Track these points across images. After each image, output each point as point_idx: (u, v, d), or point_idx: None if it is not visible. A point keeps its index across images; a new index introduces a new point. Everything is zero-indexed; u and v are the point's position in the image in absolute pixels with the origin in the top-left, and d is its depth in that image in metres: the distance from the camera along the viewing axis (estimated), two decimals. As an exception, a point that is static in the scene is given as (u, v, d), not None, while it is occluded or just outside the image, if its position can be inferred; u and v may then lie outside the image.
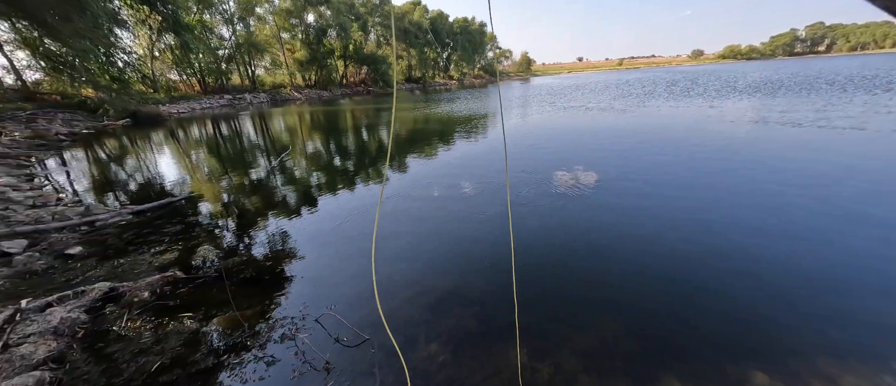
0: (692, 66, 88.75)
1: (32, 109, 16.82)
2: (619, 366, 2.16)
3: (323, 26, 41.02)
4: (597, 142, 8.35)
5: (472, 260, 3.44)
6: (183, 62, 28.98)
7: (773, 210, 4.13)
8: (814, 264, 3.06)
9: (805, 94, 14.75)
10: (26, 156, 9.77)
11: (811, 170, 5.43)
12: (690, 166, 5.98)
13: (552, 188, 5.28)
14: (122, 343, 2.55)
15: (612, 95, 20.35)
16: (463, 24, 67.77)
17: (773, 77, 26.31)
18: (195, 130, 15.73)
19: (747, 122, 9.58)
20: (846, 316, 2.46)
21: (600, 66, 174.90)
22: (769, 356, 2.16)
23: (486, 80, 71.02)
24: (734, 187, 4.91)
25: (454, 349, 2.34)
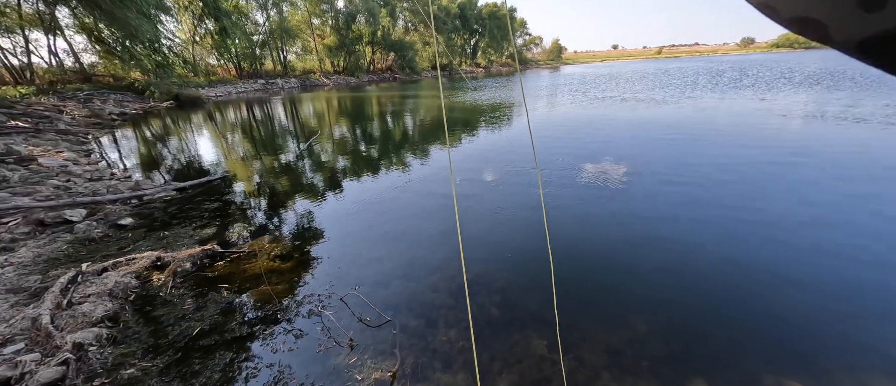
0: (741, 56, 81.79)
1: (89, 90, 18.23)
2: (646, 366, 2.09)
3: (352, 12, 41.30)
4: (632, 134, 7.97)
5: (503, 250, 3.42)
6: (221, 47, 30.23)
7: (826, 216, 3.80)
8: (868, 276, 2.80)
9: (874, 89, 13.28)
10: (85, 133, 10.66)
11: (873, 174, 4.92)
12: (735, 165, 5.59)
13: (584, 182, 5.12)
14: (167, 308, 2.77)
15: (649, 85, 19.26)
16: (492, 9, 65.99)
17: (838, 68, 23.86)
18: (231, 113, 16.49)
19: (801, 118, 8.78)
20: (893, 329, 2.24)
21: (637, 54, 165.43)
22: (808, 369, 2.02)
23: (514, 69, 69.23)
24: (783, 188, 4.55)
25: (477, 335, 2.35)
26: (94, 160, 7.59)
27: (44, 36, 19.81)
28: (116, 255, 3.53)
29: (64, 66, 21.26)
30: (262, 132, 11.40)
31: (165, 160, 7.91)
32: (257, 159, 7.61)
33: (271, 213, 4.68)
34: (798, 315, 2.43)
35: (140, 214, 4.61)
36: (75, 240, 3.87)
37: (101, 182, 5.87)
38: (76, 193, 5.16)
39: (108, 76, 21.83)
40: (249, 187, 5.75)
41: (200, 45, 30.61)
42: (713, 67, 34.84)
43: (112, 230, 4.15)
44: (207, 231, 4.07)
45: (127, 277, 3.07)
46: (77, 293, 2.86)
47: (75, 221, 4.28)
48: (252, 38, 33.39)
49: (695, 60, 65.66)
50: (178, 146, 9.37)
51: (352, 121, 13.09)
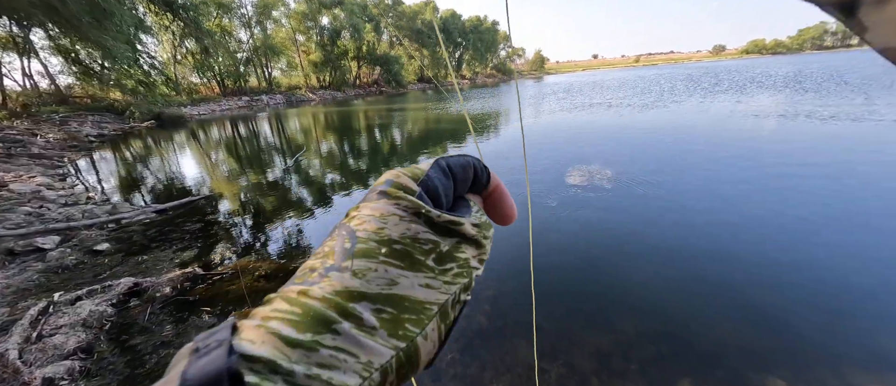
0: (713, 63, 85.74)
1: (65, 112, 17.74)
2: (635, 368, 2.11)
3: (337, 28, 41.70)
4: (616, 138, 8.18)
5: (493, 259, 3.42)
6: (203, 66, 30.00)
7: (804, 212, 3.96)
8: (847, 271, 2.92)
9: (839, 89, 14.05)
10: (60, 156, 10.32)
11: (849, 170, 5.17)
12: (716, 166, 5.79)
13: (570, 187, 5.21)
14: (145, 336, 2.66)
15: (633, 92, 19.91)
16: (475, 22, 67.60)
17: (803, 70, 25.18)
18: (215, 132, 16.26)
19: (777, 119, 9.19)
20: (881, 326, 2.33)
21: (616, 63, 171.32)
22: (792, 366, 2.07)
23: (499, 79, 70.67)
24: (762, 188, 4.73)
25: (464, 347, 2.34)
26: (69, 184, 7.34)
27: (18, 58, 19.31)
28: (91, 282, 3.39)
29: (38, 89, 20.69)
30: (247, 149, 11.26)
31: (145, 182, 7.71)
32: (242, 177, 7.50)
33: (256, 231, 4.59)
34: (784, 314, 2.50)
35: (117, 239, 4.46)
36: (47, 268, 3.71)
37: (76, 207, 5.67)
38: (49, 220, 4.97)
39: (86, 97, 21.32)
40: (234, 206, 5.64)
41: (182, 64, 30.31)
42: (690, 74, 36.33)
43: (87, 257, 3.99)
44: (188, 254, 3.96)
45: (102, 306, 2.95)
46: (48, 325, 2.73)
47: (48, 248, 4.11)
48: (236, 56, 33.26)
49: (671, 67, 68.37)
50: (159, 167, 9.16)
51: (339, 135, 13.07)
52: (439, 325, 0.22)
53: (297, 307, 0.19)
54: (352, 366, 0.18)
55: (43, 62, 20.35)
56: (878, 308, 2.47)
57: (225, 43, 30.98)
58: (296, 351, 0.17)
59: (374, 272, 0.21)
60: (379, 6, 48.61)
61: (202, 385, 0.15)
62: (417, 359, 0.21)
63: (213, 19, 30.90)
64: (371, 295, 0.20)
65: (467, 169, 0.28)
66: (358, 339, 0.19)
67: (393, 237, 0.23)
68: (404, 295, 0.21)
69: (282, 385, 0.16)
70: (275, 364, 0.16)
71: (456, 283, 0.24)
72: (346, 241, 0.23)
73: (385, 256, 0.22)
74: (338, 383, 0.17)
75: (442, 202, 0.26)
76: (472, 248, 0.26)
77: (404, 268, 0.22)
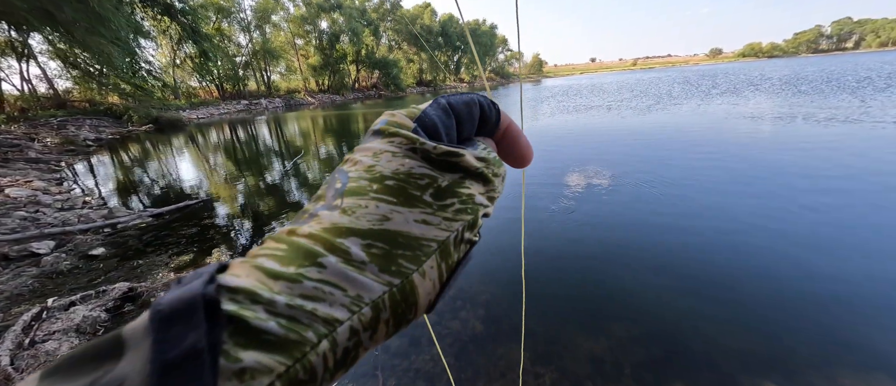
0: (711, 66, 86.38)
1: (63, 116, 17.72)
2: (627, 373, 2.12)
3: (336, 32, 41.86)
4: (610, 142, 8.22)
5: (479, 261, 3.43)
6: (202, 69, 30.04)
7: (798, 216, 3.98)
8: (841, 275, 2.93)
9: (835, 92, 14.16)
10: (57, 161, 10.30)
11: (846, 174, 5.20)
12: (712, 169, 5.81)
13: (565, 190, 5.22)
14: (139, 341, 2.65)
15: (632, 95, 20.02)
16: (473, 26, 67.97)
17: (799, 74, 25.38)
18: (213, 135, 16.26)
19: (773, 122, 9.25)
20: (873, 330, 2.34)
21: (613, 66, 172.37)
22: (784, 369, 2.08)
23: (497, 83, 70.96)
24: (756, 191, 4.75)
25: (458, 352, 2.34)
26: (65, 189, 7.32)
27: (16, 62, 19.31)
28: (86, 287, 3.38)
29: (36, 93, 20.67)
30: (246, 153, 11.26)
31: (142, 186, 7.70)
32: (240, 181, 7.49)
33: (254, 235, 4.58)
34: (778, 317, 2.51)
35: (113, 244, 4.45)
36: (42, 273, 3.70)
37: (72, 211, 5.66)
38: (44, 224, 4.95)
39: (84, 101, 21.31)
40: (231, 210, 5.64)
41: (181, 68, 30.36)
42: (687, 77, 36.56)
43: (82, 261, 3.98)
44: (185, 258, 3.95)
45: (96, 311, 2.94)
46: (41, 330, 2.71)
47: (42, 253, 4.10)
48: (235, 60, 33.35)
49: (669, 71, 68.80)
50: (156, 171, 9.14)
51: (337, 138, 13.09)
52: (439, 263, 0.21)
53: (284, 244, 0.19)
54: (339, 299, 0.17)
55: (41, 66, 20.36)
56: (872, 312, 2.48)
57: (224, 47, 31.08)
58: (278, 282, 0.17)
59: (364, 209, 0.20)
60: (377, 10, 48.86)
61: (174, 310, 0.14)
62: (415, 298, 0.20)
63: (212, 23, 31.01)
64: (360, 230, 0.19)
65: (472, 106, 0.26)
66: (345, 272, 0.18)
67: (385, 174, 0.21)
68: (398, 230, 0.20)
69: (263, 314, 0.15)
70: (255, 294, 0.16)
71: (458, 219, 0.22)
72: (337, 182, 0.22)
73: (376, 192, 0.21)
74: (323, 314, 0.17)
75: (443, 140, 0.24)
76: (478, 183, 0.24)
77: (398, 204, 0.21)
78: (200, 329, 0.14)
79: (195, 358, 0.14)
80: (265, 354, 0.15)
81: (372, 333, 0.18)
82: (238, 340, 0.15)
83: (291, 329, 0.16)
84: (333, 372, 0.17)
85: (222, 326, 0.15)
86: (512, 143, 0.29)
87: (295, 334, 0.16)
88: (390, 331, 0.20)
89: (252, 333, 0.15)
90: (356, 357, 0.18)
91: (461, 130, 0.26)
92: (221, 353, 0.14)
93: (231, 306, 0.15)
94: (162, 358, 0.14)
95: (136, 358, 0.14)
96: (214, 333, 0.14)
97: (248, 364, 0.14)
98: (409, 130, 0.23)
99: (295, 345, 0.16)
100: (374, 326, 0.18)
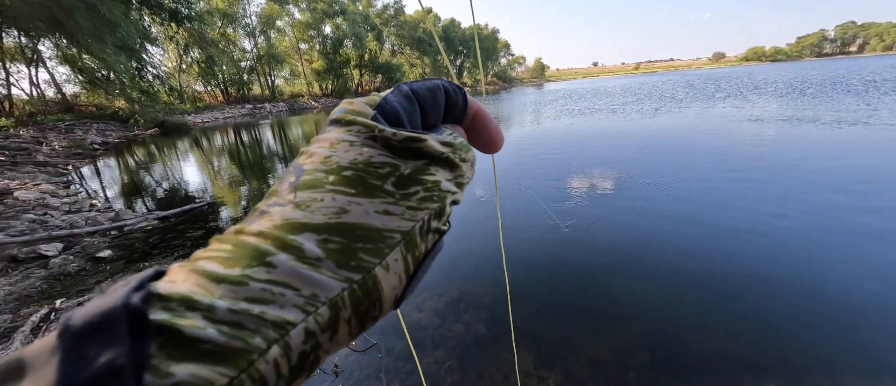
0: (713, 70, 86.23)
1: (70, 120, 17.97)
2: (632, 377, 2.11)
3: (339, 37, 42.26)
4: (616, 145, 8.22)
5: (486, 265, 3.44)
6: (207, 74, 30.40)
7: (809, 220, 3.96)
8: (845, 277, 2.92)
9: (840, 95, 14.10)
10: (64, 164, 10.43)
11: (849, 176, 5.18)
12: (717, 171, 5.80)
13: (571, 193, 5.23)
14: (145, 342, 2.68)
15: (635, 98, 20.02)
16: (475, 30, 68.28)
17: (805, 77, 25.27)
18: (218, 139, 16.41)
19: (776, 125, 9.22)
20: (880, 333, 2.33)
21: (616, 70, 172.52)
22: (789, 373, 2.07)
23: (500, 87, 71.19)
24: (760, 193, 4.74)
25: (461, 355, 2.34)
26: (73, 192, 7.41)
27: (25, 68, 19.65)
28: (93, 289, 3.42)
29: (45, 97, 21.00)
30: (250, 156, 11.35)
31: (148, 189, 7.78)
32: (244, 184, 7.56)
33: (257, 238, 4.62)
34: (779, 320, 2.50)
35: (120, 246, 4.50)
36: (50, 275, 3.74)
37: (79, 214, 5.73)
38: (52, 227, 5.02)
39: (91, 106, 21.62)
40: (236, 213, 5.69)
41: (187, 73, 30.74)
42: (690, 81, 36.50)
43: (89, 263, 4.03)
44: (190, 260, 3.99)
45: (103, 312, 2.97)
46: (50, 331, 2.74)
47: (50, 255, 4.15)
48: (239, 65, 33.73)
49: (672, 74, 68.70)
50: (162, 174, 9.24)
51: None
52: (404, 255, 0.19)
53: (229, 244, 0.17)
54: (291, 299, 0.16)
55: (50, 72, 20.71)
56: (878, 316, 2.46)
57: (229, 52, 31.48)
58: (220, 286, 0.15)
59: (320, 202, 0.19)
60: (381, 16, 49.32)
61: (89, 324, 0.13)
62: (378, 293, 0.18)
63: (218, 29, 31.43)
64: (315, 225, 0.18)
65: (436, 92, 0.24)
66: (298, 270, 0.16)
67: (342, 164, 0.20)
68: (357, 223, 0.18)
69: (200, 322, 0.14)
70: (192, 300, 0.14)
71: (423, 208, 0.21)
72: (291, 176, 0.21)
73: (333, 184, 0.19)
74: (272, 317, 0.15)
75: (405, 128, 0.22)
76: (444, 170, 0.23)
77: (356, 195, 0.19)
78: (122, 344, 0.12)
79: (113, 377, 0.12)
80: (203, 366, 0.13)
81: (332, 334, 0.17)
82: (170, 352, 0.13)
83: (235, 336, 0.14)
84: (289, 379, 0.16)
85: (150, 338, 0.13)
86: (481, 129, 0.28)
87: (239, 342, 0.14)
88: (354, 331, 0.18)
89: (187, 344, 0.13)
90: (316, 361, 0.17)
91: (426, 117, 0.24)
92: (148, 368, 0.12)
93: (162, 315, 0.14)
94: (69, 381, 0.12)
95: (37, 383, 0.12)
96: (139, 347, 0.13)
97: (181, 378, 0.13)
98: (368, 118, 0.21)
99: (240, 353, 0.14)
100: (334, 326, 0.17)
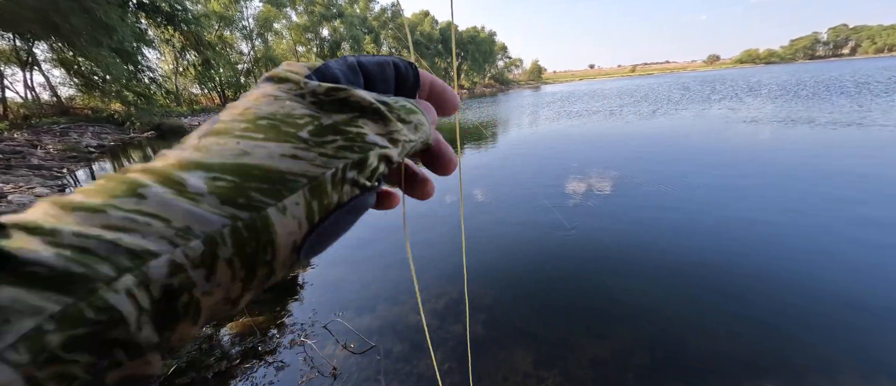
0: (709, 72, 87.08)
1: (65, 123, 17.84)
2: (630, 378, 2.11)
3: (337, 40, 42.37)
4: (610, 146, 8.26)
5: (486, 265, 3.44)
6: (204, 77, 30.32)
7: (807, 220, 3.99)
8: (840, 277, 2.94)
9: (833, 96, 14.25)
10: (59, 167, 10.35)
11: (844, 177, 5.22)
12: (713, 171, 5.84)
13: (568, 194, 5.24)
14: (141, 346, 2.65)
15: (633, 100, 20.13)
16: (472, 33, 68.67)
17: (798, 79, 25.55)
18: (214, 142, 16.32)
19: (772, 126, 9.30)
20: (873, 335, 2.34)
21: (612, 72, 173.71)
22: (786, 372, 2.08)
23: (497, 89, 71.45)
24: (757, 193, 4.77)
25: (461, 356, 2.33)
26: (67, 195, 7.34)
27: (20, 70, 19.51)
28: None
29: (39, 100, 20.85)
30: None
31: (144, 192, 7.71)
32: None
33: (254, 241, 4.59)
34: (777, 320, 2.51)
35: (115, 249, 4.45)
36: (44, 279, 3.70)
37: (74, 217, 5.67)
38: (47, 230, 4.96)
39: (87, 108, 21.47)
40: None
41: (183, 76, 30.66)
42: (686, 83, 36.79)
43: (84, 267, 3.98)
44: (186, 263, 3.95)
45: (98, 316, 2.94)
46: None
47: (45, 259, 4.10)
48: (236, 67, 33.68)
49: (667, 77, 69.27)
50: (158, 177, 9.16)
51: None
52: (309, 201, 0.18)
53: (107, 180, 0.16)
54: (156, 229, 0.15)
55: (45, 74, 20.57)
56: (874, 317, 2.48)
57: (226, 54, 31.43)
58: (74, 214, 0.14)
59: (221, 146, 0.18)
60: (378, 18, 49.47)
61: None
62: (270, 236, 0.17)
63: (215, 31, 31.40)
64: (208, 163, 0.17)
65: (385, 66, 0.24)
66: (171, 202, 0.15)
67: (259, 114, 0.19)
68: (256, 164, 0.17)
69: (37, 245, 0.13)
70: (36, 226, 0.13)
71: (340, 157, 0.19)
72: (206, 126, 0.19)
73: (243, 130, 0.18)
74: (129, 244, 0.14)
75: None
76: (374, 122, 0.21)
77: (264, 140, 0.18)
78: None
79: None
80: (29, 291, 0.12)
81: (208, 273, 0.16)
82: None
83: (76, 260, 0.13)
84: (157, 317, 0.14)
85: None
86: (439, 96, 0.28)
87: (80, 267, 0.13)
88: (240, 274, 0.17)
89: (15, 268, 0.12)
90: (196, 306, 0.16)
91: (374, 89, 0.23)
92: None
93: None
94: None
95: None
96: None
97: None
98: (302, 77, 0.20)
99: (79, 279, 0.13)
100: (210, 265, 0.16)
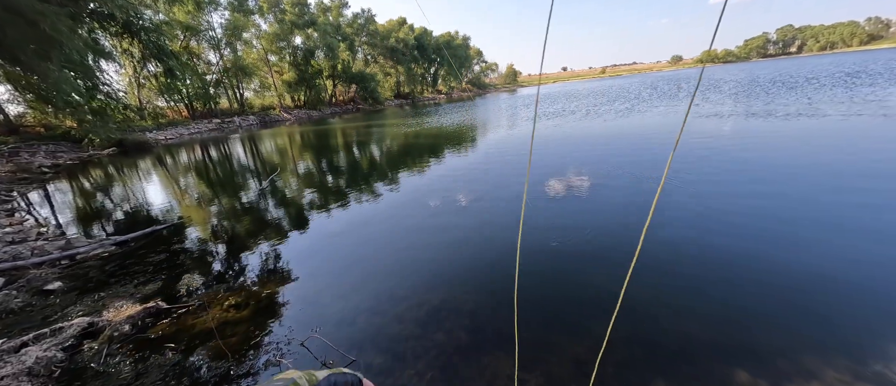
0: (673, 72, 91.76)
1: (14, 143, 16.53)
2: (610, 371, 2.15)
3: (310, 48, 41.49)
4: (592, 146, 8.49)
5: (467, 271, 3.43)
6: (169, 88, 28.91)
7: (770, 209, 4.22)
8: (809, 263, 3.12)
9: (786, 90, 15.28)
10: (7, 191, 9.56)
11: (815, 164, 5.58)
12: (688, 166, 6.10)
13: (552, 193, 5.33)
14: (101, 380, 2.46)
15: (607, 99, 20.81)
16: (447, 39, 69.23)
17: (753, 77, 27.28)
18: (183, 156, 15.60)
19: (733, 120, 9.85)
20: (837, 314, 2.50)
21: (584, 74, 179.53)
22: (754, 356, 2.18)
23: (475, 93, 72.18)
24: (729, 185, 5.01)
25: (443, 364, 2.30)
26: (17, 220, 6.78)
27: (-41, 88, 17.92)
28: (39, 326, 3.12)
29: (-17, 119, 19.21)
30: (219, 172, 10.85)
31: (105, 213, 7.25)
32: (212, 203, 7.19)
33: (226, 259, 4.39)
34: (755, 308, 2.63)
35: (71, 276, 4.14)
36: (-12, 314, 3.38)
37: (24, 244, 5.24)
38: (-8, 260, 4.55)
39: (39, 126, 19.99)
40: (203, 233, 5.39)
41: (146, 87, 29.14)
42: (654, 82, 38.50)
43: (35, 298, 3.68)
44: (151, 287, 3.73)
45: (51, 351, 2.71)
46: (-14, 377, 2.47)
47: (-11, 292, 3.75)
48: (205, 78, 32.31)
49: (636, 77, 72.23)
50: (121, 196, 8.65)
51: (315, 154, 12.85)
52: None
53: None
54: None
55: (-11, 91, 18.98)
56: (850, 305, 2.64)
57: (192, 65, 30.13)
58: None
59: None
60: (352, 25, 48.96)
61: None
62: None
63: (180, 42, 30.07)
64: None
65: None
66: None
67: None
68: None
69: None
70: None
71: None
72: None
73: None
74: None
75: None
76: None
77: None
78: None
79: None
80: None
81: None
82: None
83: None
84: None
85: None
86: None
87: None
88: None
89: None
90: None
91: None
92: None
93: None
94: None
95: None
96: None
97: None
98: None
99: None
100: None
